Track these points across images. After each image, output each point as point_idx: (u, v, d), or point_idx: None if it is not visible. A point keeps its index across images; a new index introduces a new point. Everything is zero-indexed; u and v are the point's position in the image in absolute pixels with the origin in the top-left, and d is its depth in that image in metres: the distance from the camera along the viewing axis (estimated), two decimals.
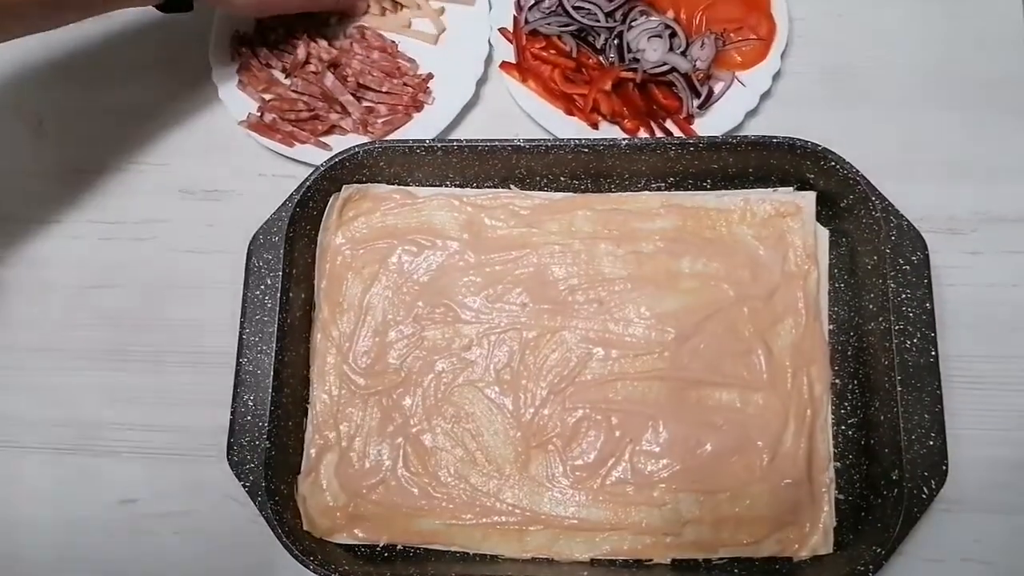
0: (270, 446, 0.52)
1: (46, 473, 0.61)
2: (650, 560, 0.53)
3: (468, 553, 0.54)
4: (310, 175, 0.57)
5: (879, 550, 0.48)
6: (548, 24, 0.65)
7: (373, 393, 0.57)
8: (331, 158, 0.57)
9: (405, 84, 0.66)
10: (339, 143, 0.65)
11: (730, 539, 0.53)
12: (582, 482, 0.55)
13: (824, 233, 0.58)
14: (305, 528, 0.53)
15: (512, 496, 0.55)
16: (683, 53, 0.64)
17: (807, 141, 0.54)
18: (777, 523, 0.53)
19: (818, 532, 0.53)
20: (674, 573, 0.53)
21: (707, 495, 0.54)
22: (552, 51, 0.66)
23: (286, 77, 0.67)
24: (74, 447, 0.61)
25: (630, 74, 0.63)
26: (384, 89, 0.66)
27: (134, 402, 0.62)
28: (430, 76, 0.67)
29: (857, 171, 0.54)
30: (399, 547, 0.55)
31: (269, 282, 0.54)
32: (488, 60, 0.66)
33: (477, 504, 0.55)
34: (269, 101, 0.66)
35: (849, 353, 0.57)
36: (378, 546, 0.55)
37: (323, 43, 0.67)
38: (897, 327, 0.51)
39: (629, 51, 0.64)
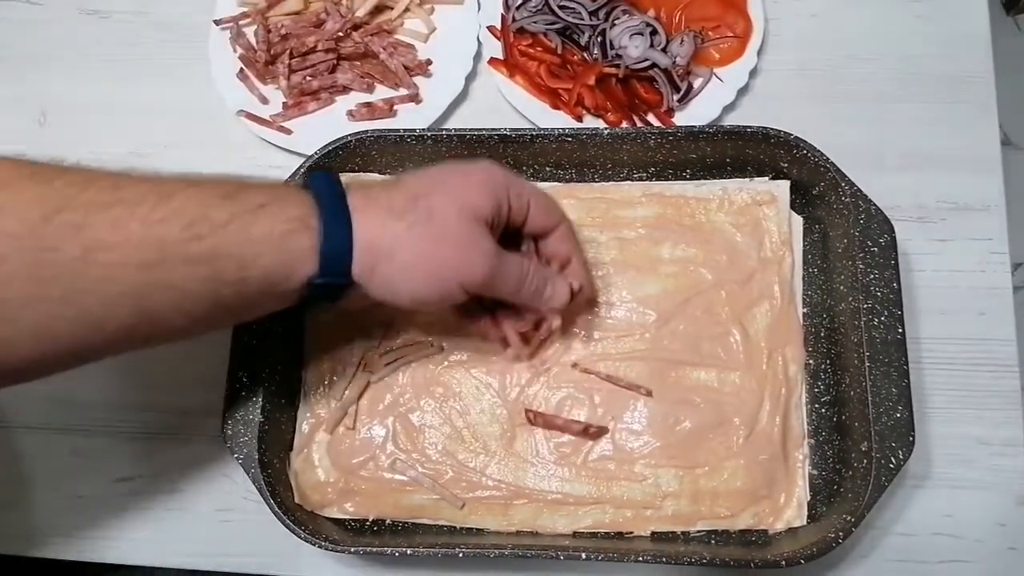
0: (263, 420, 0.53)
1: (44, 453, 0.62)
2: (630, 532, 0.55)
3: (455, 527, 0.56)
4: (304, 162, 0.59)
5: (849, 518, 0.50)
6: (535, 22, 0.68)
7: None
8: (324, 146, 0.59)
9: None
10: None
11: (708, 512, 0.55)
12: (565, 458, 0.56)
13: (798, 220, 0.61)
14: (297, 501, 0.55)
15: (498, 472, 0.56)
16: (663, 50, 0.66)
17: (780, 130, 0.57)
18: (753, 497, 0.55)
19: (792, 506, 0.55)
20: (653, 544, 0.54)
21: (686, 470, 0.56)
22: (538, 48, 0.68)
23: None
24: (72, 428, 0.62)
25: (613, 70, 0.66)
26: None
27: (130, 384, 0.63)
28: (429, 61, 0.70)
29: (827, 158, 0.56)
30: (387, 521, 0.56)
31: None
32: (477, 57, 0.69)
33: (464, 480, 0.56)
34: None
35: (822, 334, 0.59)
36: (367, 520, 0.56)
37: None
38: (866, 306, 0.53)
39: (612, 48, 0.67)
